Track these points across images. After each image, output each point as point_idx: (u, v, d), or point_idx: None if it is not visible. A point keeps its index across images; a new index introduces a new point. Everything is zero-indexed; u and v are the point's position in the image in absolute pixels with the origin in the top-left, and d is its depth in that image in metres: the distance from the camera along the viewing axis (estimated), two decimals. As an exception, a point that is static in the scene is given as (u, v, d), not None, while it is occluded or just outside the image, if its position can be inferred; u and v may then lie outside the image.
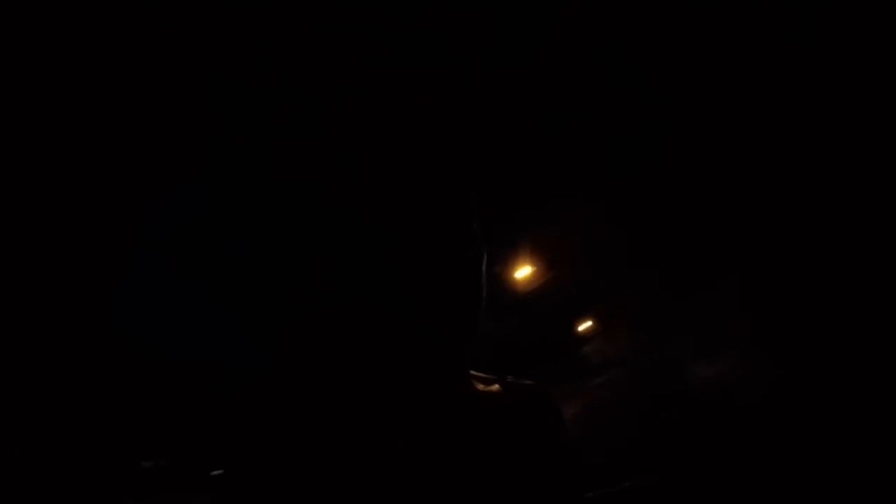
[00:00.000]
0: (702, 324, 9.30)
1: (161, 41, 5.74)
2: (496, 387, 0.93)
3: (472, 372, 0.91)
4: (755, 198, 6.84)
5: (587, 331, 19.14)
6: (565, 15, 5.47)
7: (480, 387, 0.90)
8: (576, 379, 16.40)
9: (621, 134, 6.21)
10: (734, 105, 6.01)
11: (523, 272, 14.17)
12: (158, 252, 6.56)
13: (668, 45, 5.50)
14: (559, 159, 6.69)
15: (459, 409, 0.87)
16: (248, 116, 6.26)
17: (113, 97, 6.11)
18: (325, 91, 6.25)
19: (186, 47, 5.79)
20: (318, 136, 6.69)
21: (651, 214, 7.94)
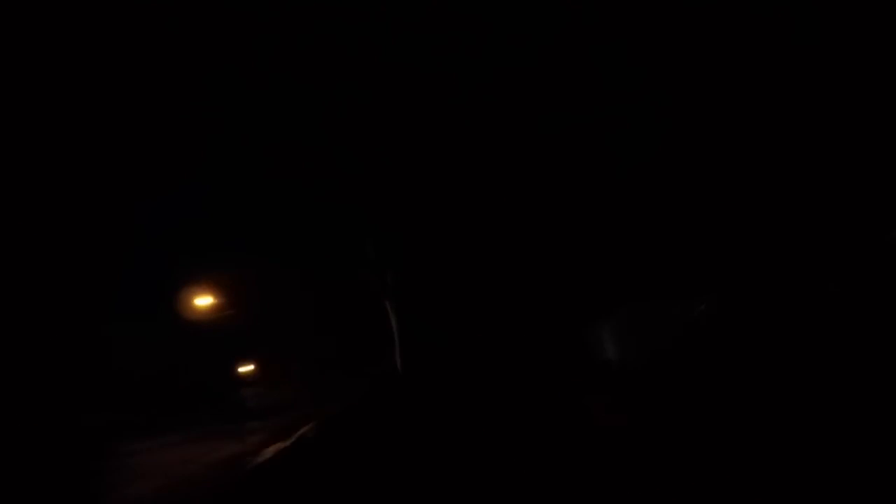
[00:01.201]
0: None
1: (163, 42, 5.76)
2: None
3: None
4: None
5: (249, 374, 19.53)
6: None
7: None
8: (233, 421, 16.19)
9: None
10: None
11: (205, 300, 14.88)
12: (155, 251, 6.59)
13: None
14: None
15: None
16: (248, 116, 6.27)
17: (118, 98, 6.13)
18: (325, 91, 6.24)
19: (188, 48, 5.80)
20: (319, 137, 6.69)
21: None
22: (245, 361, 19.36)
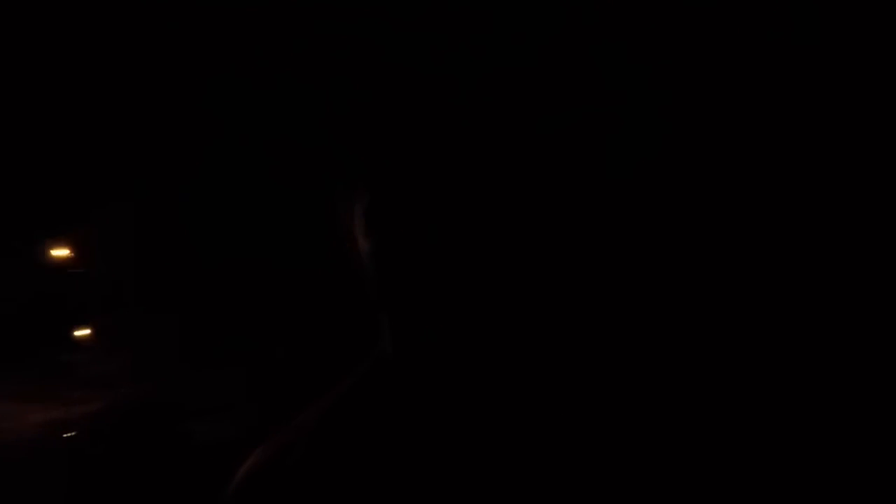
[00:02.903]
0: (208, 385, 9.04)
1: (164, 42, 5.58)
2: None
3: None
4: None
5: (84, 338, 18.34)
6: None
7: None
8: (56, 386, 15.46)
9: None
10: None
11: (61, 252, 14.42)
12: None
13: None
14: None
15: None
16: (249, 116, 6.16)
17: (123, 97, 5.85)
18: (324, 91, 6.17)
19: (190, 48, 5.67)
20: (319, 137, 6.54)
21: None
22: (84, 323, 18.08)
